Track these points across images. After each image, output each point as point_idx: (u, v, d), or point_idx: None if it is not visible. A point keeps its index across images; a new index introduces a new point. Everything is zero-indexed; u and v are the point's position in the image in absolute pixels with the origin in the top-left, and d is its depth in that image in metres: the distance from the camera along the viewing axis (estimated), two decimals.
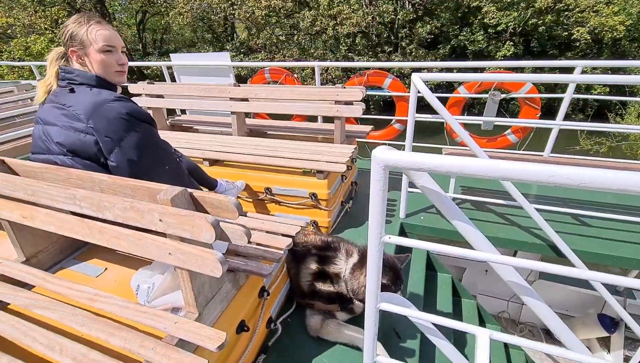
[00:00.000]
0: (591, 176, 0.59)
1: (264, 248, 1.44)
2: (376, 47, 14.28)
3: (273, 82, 4.43)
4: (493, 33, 13.06)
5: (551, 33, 12.80)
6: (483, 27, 13.13)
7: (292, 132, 3.12)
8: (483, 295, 4.46)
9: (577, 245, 2.30)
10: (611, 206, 2.71)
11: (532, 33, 12.96)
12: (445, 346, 1.34)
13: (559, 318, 1.12)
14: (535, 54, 13.22)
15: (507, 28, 12.50)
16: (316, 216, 2.39)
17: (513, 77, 2.33)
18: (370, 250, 0.98)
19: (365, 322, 1.13)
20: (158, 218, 0.93)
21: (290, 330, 1.71)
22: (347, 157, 2.29)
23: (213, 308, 1.19)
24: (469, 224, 1.04)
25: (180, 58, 4.12)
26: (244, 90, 2.75)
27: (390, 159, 0.82)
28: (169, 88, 3.00)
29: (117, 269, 1.44)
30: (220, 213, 0.99)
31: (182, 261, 0.97)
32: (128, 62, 1.41)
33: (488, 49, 13.17)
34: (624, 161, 2.82)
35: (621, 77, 1.73)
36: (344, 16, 13.15)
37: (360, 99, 2.47)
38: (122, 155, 1.26)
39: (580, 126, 2.55)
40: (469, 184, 3.09)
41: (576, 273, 0.82)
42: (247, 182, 2.42)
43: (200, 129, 3.33)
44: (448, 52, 13.87)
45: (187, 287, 1.06)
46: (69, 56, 1.33)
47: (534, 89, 3.51)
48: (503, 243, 2.57)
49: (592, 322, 3.82)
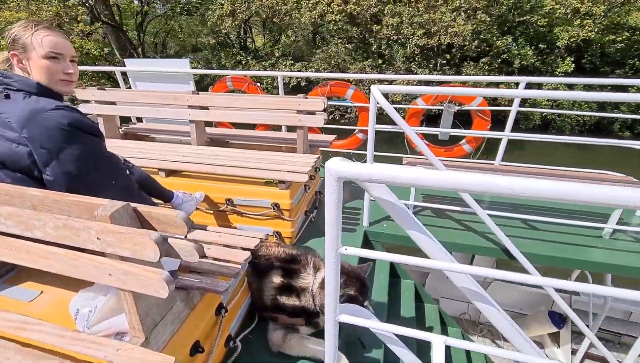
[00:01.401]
0: (527, 186, 0.62)
1: (220, 263, 1.37)
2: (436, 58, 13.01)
3: (235, 90, 4.36)
4: (545, 48, 12.70)
5: (604, 51, 12.82)
6: (531, 42, 12.70)
7: (255, 142, 3.07)
8: (446, 298, 4.62)
9: (527, 248, 2.44)
10: (556, 211, 2.93)
11: (586, 50, 12.76)
12: (407, 355, 1.34)
13: (508, 321, 1.17)
14: (587, 71, 13.01)
15: (561, 44, 12.24)
16: (279, 227, 2.34)
17: (464, 90, 2.47)
18: (327, 262, 0.97)
19: (325, 335, 1.11)
20: (95, 236, 0.85)
21: (251, 347, 1.65)
22: (309, 166, 2.28)
23: (162, 330, 1.11)
24: (424, 233, 1.06)
25: (135, 64, 3.92)
26: (203, 98, 2.66)
27: (344, 171, 0.82)
28: (122, 95, 2.84)
29: (54, 292, 1.31)
30: (168, 229, 0.93)
31: (123, 282, 0.89)
32: (78, 72, 1.32)
33: (537, 64, 12.69)
34: (569, 169, 3.06)
35: (555, 93, 1.89)
36: (445, 24, 11.60)
37: (322, 109, 2.48)
38: (59, 168, 1.15)
39: (526, 137, 2.75)
40: (429, 192, 3.20)
41: (526, 279, 0.86)
42: (207, 193, 2.33)
43: (157, 138, 3.17)
44: (496, 66, 12.99)
45: (132, 310, 0.98)
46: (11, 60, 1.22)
47: (484, 102, 3.76)
48: (461, 248, 2.68)
49: (543, 319, 4.07)
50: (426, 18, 11.99)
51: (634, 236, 2.66)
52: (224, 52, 16.24)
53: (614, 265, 2.40)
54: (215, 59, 16.47)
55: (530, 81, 2.91)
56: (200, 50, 18.08)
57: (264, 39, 17.93)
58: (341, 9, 12.33)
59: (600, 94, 1.80)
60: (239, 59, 15.71)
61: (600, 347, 2.24)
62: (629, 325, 4.17)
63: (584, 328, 2.20)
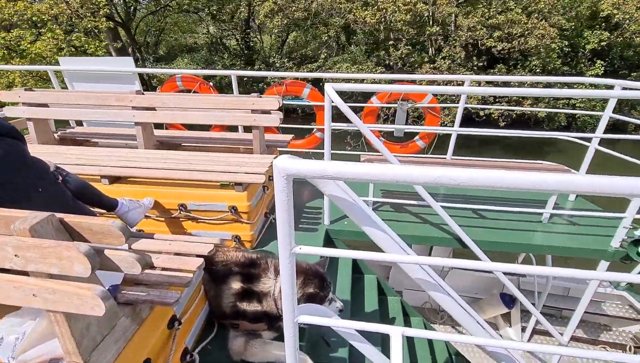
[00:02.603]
0: (467, 176, 0.64)
1: (171, 272, 1.29)
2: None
3: (186, 90, 4.15)
4: (570, 52, 12.91)
5: (624, 54, 13.14)
6: None
7: (210, 144, 2.95)
8: (408, 289, 4.78)
9: (478, 236, 2.59)
10: (501, 200, 3.15)
11: (607, 52, 13.06)
12: (368, 349, 1.35)
13: (461, 307, 1.22)
14: (607, 74, 13.11)
15: (589, 47, 12.38)
16: (238, 231, 2.27)
17: (415, 88, 2.57)
18: (281, 262, 0.94)
19: (285, 338, 1.08)
20: (13, 253, 0.74)
21: (210, 359, 1.57)
22: (266, 167, 2.23)
23: (105, 351, 1.01)
24: (377, 227, 1.07)
25: (71, 62, 3.58)
26: (149, 98, 2.50)
27: (292, 168, 0.79)
28: (56, 96, 2.57)
29: None
30: (103, 239, 0.84)
31: (52, 302, 0.79)
32: None
33: (563, 68, 12.74)
34: (511, 160, 3.31)
35: (494, 89, 2.03)
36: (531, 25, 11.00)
37: (277, 108, 2.44)
38: None
39: (473, 132, 2.92)
40: (387, 188, 3.29)
41: (477, 265, 0.90)
42: (158, 199, 2.18)
43: (100, 142, 2.93)
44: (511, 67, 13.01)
45: (65, 333, 0.88)
46: None
47: (434, 99, 3.94)
48: (419, 240, 2.78)
49: (496, 301, 4.36)
50: (502, 20, 11.62)
51: (568, 219, 2.93)
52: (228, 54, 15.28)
53: (552, 246, 2.63)
54: (219, 60, 15.28)
55: (474, 80, 3.09)
56: (197, 50, 16.94)
57: (271, 39, 17.02)
58: (409, 8, 11.76)
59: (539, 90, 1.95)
60: (271, 62, 14.53)
61: (544, 322, 2.44)
62: (568, 300, 4.60)
63: (530, 306, 2.38)
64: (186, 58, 16.27)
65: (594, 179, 0.60)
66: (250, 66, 15.45)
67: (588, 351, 0.94)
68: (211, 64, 15.69)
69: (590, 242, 2.63)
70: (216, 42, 16.57)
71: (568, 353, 0.97)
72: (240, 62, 15.74)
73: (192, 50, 17.36)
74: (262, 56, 15.81)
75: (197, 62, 15.92)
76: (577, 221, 2.88)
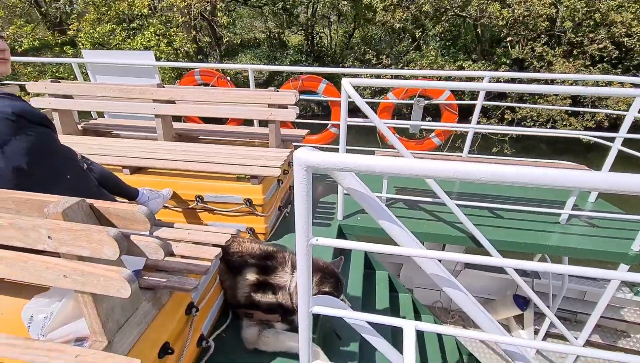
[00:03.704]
0: (487, 171, 0.64)
1: (189, 260, 1.33)
2: None
3: (204, 84, 4.21)
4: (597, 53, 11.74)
5: None
6: None
7: (226, 137, 2.99)
8: (419, 287, 4.76)
9: (492, 235, 2.56)
10: (518, 199, 3.09)
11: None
12: (380, 342, 1.36)
13: (475, 304, 1.22)
14: None
15: None
16: (253, 223, 2.30)
17: (433, 84, 2.53)
18: (298, 253, 0.96)
19: (300, 328, 1.10)
20: (46, 235, 0.79)
21: (224, 346, 1.61)
22: (282, 161, 2.25)
23: (128, 333, 1.05)
24: (393, 222, 1.07)
25: (94, 55, 3.68)
26: (169, 91, 2.55)
27: (313, 160, 0.81)
28: (80, 88, 2.66)
29: (4, 300, 1.21)
30: (129, 225, 0.88)
31: (81, 284, 0.83)
32: (8, 49, 1.20)
33: None
34: (527, 159, 3.25)
35: (517, 86, 1.98)
36: None
37: (294, 102, 2.45)
38: (5, 162, 1.06)
39: (490, 129, 2.87)
40: (401, 184, 3.27)
41: (490, 261, 0.90)
42: (176, 190, 2.24)
43: (121, 134, 3.01)
44: None
45: (92, 313, 0.92)
46: None
47: (452, 96, 3.88)
48: (433, 238, 2.76)
49: (509, 303, 4.31)
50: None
51: (587, 221, 2.85)
52: None
53: (569, 247, 2.57)
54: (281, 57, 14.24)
55: (495, 76, 3.03)
56: (256, 46, 15.95)
57: (338, 35, 15.82)
58: None
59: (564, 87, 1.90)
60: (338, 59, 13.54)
61: (559, 325, 2.39)
62: (583, 304, 4.49)
63: (544, 308, 2.35)
64: (249, 54, 15.28)
65: (623, 176, 0.59)
66: (318, 62, 14.59)
67: (604, 352, 0.93)
68: (274, 60, 14.87)
69: (609, 245, 2.56)
70: (274, 37, 15.73)
71: (583, 354, 0.96)
72: (306, 58, 14.82)
73: (251, 46, 16.32)
74: (330, 52, 14.99)
75: (259, 58, 15.04)
76: (596, 223, 2.81)
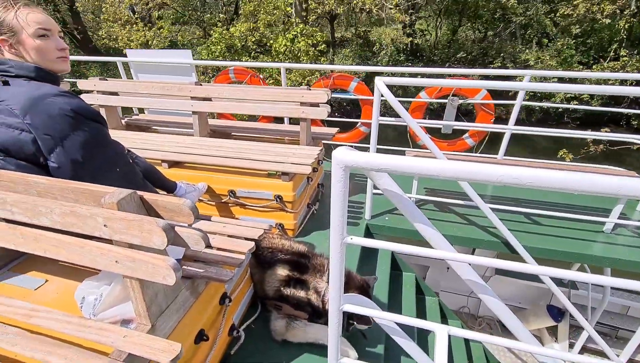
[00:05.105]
0: (532, 175, 0.62)
1: (225, 252, 1.38)
2: None
3: (238, 82, 4.33)
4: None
5: None
6: None
7: (257, 134, 3.06)
8: (445, 291, 4.65)
9: (528, 242, 2.45)
10: (557, 205, 2.93)
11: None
12: (408, 344, 1.36)
13: (510, 312, 1.18)
14: None
15: None
16: (282, 219, 2.35)
17: (469, 83, 2.46)
18: (332, 250, 0.97)
19: (330, 324, 1.12)
20: (102, 223, 0.85)
21: (254, 336, 1.66)
22: (312, 159, 2.28)
23: (168, 318, 1.12)
24: (428, 224, 1.06)
25: (137, 54, 3.89)
26: (206, 89, 2.65)
27: (350, 160, 0.82)
28: (124, 85, 2.82)
29: (59, 281, 1.32)
30: (174, 217, 0.93)
31: (131, 270, 0.90)
32: (68, 47, 1.30)
33: None
34: (570, 163, 3.07)
35: (561, 86, 1.88)
36: None
37: (325, 101, 2.47)
38: (64, 155, 1.15)
39: (530, 131, 2.74)
40: (431, 186, 3.20)
41: (526, 268, 0.87)
42: (210, 184, 2.33)
43: (160, 129, 3.16)
44: None
45: (138, 297, 0.99)
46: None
47: (488, 95, 3.74)
48: (462, 242, 2.68)
49: (542, 313, 4.10)
50: None
51: (635, 231, 2.66)
52: None
53: (614, 259, 2.41)
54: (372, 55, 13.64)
55: (536, 75, 2.88)
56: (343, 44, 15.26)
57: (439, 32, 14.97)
58: None
59: (609, 87, 1.79)
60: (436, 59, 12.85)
61: (599, 341, 2.26)
62: (626, 319, 4.20)
63: (582, 321, 2.22)
64: (340, 53, 14.79)
65: None
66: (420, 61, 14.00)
67: None
68: (365, 60, 14.20)
69: None
70: (360, 35, 14.90)
71: None
72: (403, 56, 14.04)
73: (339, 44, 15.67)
74: (427, 51, 14.19)
75: (351, 57, 14.44)
76: None
